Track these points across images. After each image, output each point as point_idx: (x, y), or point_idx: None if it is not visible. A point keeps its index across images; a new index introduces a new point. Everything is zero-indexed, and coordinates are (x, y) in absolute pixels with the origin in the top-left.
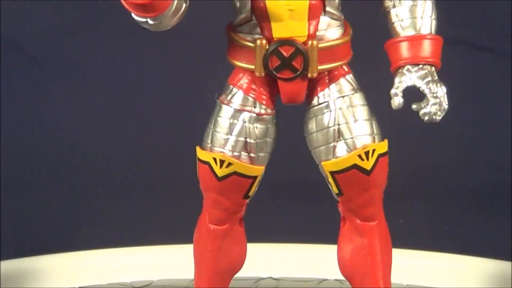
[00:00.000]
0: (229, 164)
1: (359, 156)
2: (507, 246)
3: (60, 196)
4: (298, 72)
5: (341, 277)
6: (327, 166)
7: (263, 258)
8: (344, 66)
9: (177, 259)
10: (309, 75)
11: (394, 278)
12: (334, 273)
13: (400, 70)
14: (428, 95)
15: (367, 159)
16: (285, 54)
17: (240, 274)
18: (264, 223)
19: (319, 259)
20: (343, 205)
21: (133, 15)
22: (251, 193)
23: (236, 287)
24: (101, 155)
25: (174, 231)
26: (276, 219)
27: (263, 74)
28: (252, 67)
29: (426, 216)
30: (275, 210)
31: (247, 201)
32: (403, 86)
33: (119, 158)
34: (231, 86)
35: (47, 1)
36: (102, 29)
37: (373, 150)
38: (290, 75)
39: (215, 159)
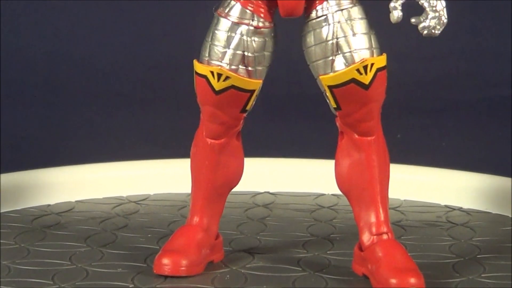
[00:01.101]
0: (227, 78)
1: (358, 70)
2: (506, 162)
3: (56, 109)
4: None
5: (338, 192)
6: (325, 80)
7: (260, 173)
8: None
9: (173, 173)
10: None
11: (392, 193)
12: (331, 188)
13: None
14: (427, 9)
15: (366, 73)
16: None
17: (237, 189)
18: (261, 137)
19: (316, 174)
20: (341, 119)
21: None
22: (248, 107)
23: (233, 201)
24: (97, 66)
25: (170, 145)
26: (273, 134)
27: None
28: None
29: (424, 131)
30: (272, 125)
31: (245, 115)
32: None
33: (116, 69)
34: None
35: None
36: None
37: (372, 64)
38: None
39: (212, 73)
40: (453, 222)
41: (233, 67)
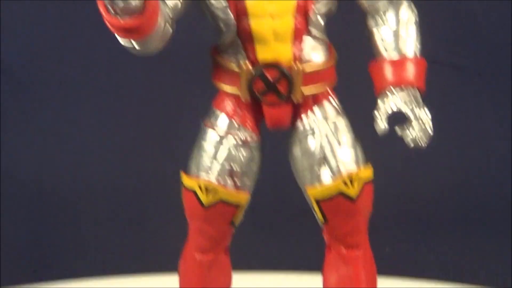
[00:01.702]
0: (215, 192)
1: (344, 182)
2: (494, 274)
3: (46, 225)
4: (283, 96)
5: None
6: (312, 193)
7: (248, 286)
8: (329, 91)
9: None
10: (294, 99)
11: None
12: None
13: (384, 93)
14: (413, 120)
15: (352, 186)
16: (270, 77)
17: None
18: (249, 251)
19: None
20: (328, 232)
21: (118, 38)
22: (236, 221)
23: None
24: (86, 182)
25: (158, 260)
26: (261, 247)
27: (248, 98)
28: (237, 91)
29: (412, 244)
30: (260, 238)
31: (233, 229)
32: (388, 109)
33: (104, 185)
34: (216, 110)
35: (33, 23)
36: (86, 52)
37: (358, 177)
38: (275, 100)
39: (200, 186)
40: None
41: (220, 180)
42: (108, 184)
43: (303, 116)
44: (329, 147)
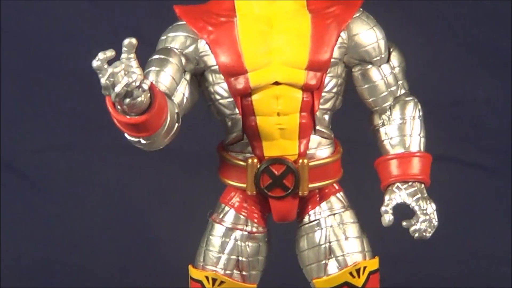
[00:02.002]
0: (221, 283)
1: (350, 273)
2: None
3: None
4: (289, 191)
5: None
6: (319, 283)
7: None
8: (334, 184)
9: None
10: (300, 193)
11: None
12: None
13: (390, 188)
14: (418, 212)
15: (358, 276)
16: (276, 172)
17: None
18: None
19: None
20: None
21: (125, 134)
22: None
23: None
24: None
25: None
26: None
27: (254, 192)
28: (244, 185)
29: None
30: None
31: None
32: (393, 203)
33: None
34: (223, 205)
35: (43, 122)
36: (95, 148)
37: (364, 267)
38: (281, 194)
39: (207, 278)
40: None
41: (227, 272)
42: (117, 280)
43: (309, 209)
44: (335, 239)
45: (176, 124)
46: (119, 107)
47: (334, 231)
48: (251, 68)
